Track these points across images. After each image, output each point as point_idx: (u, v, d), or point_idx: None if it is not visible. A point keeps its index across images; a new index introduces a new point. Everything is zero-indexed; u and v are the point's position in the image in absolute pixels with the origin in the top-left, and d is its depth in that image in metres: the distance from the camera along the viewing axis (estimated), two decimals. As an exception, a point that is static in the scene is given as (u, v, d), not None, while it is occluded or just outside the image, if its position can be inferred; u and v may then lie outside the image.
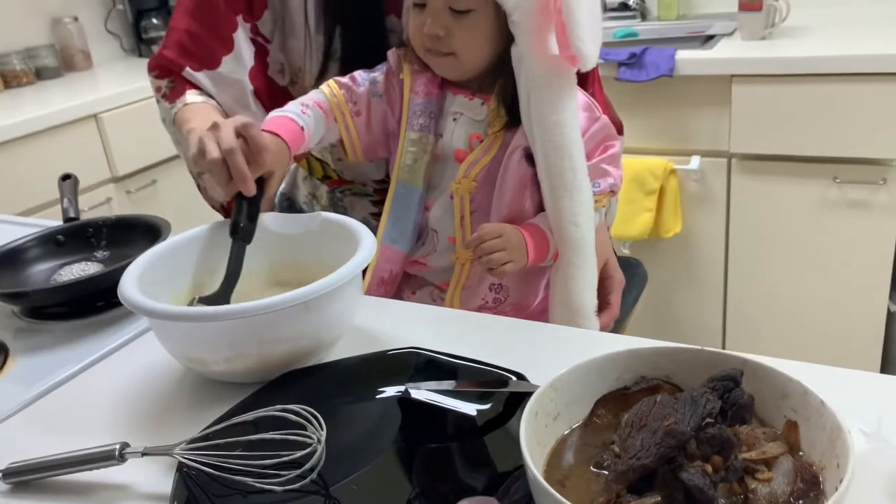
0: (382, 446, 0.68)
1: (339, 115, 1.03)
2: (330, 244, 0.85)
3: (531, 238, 0.99)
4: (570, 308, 1.00)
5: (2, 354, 0.88)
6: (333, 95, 1.02)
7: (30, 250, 1.07)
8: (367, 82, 1.04)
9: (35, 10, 2.59)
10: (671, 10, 2.37)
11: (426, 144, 1.01)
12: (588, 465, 0.57)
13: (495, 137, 0.99)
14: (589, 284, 1.00)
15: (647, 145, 1.99)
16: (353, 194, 1.25)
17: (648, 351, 0.62)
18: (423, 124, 1.01)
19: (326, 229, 0.88)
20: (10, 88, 2.45)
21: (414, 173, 1.01)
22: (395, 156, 1.03)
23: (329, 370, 0.77)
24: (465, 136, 1.00)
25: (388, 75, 1.04)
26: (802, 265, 1.93)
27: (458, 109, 1.01)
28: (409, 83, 1.02)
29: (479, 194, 1.01)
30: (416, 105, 1.01)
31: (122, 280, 0.78)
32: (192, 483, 0.62)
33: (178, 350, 0.77)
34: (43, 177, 2.03)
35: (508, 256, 0.97)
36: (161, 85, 1.13)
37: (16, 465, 0.67)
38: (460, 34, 0.95)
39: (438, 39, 0.95)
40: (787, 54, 1.80)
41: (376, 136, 1.06)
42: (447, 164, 1.02)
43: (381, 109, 1.04)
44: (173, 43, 1.12)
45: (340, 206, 1.26)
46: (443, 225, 1.04)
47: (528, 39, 0.92)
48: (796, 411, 0.56)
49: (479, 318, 0.90)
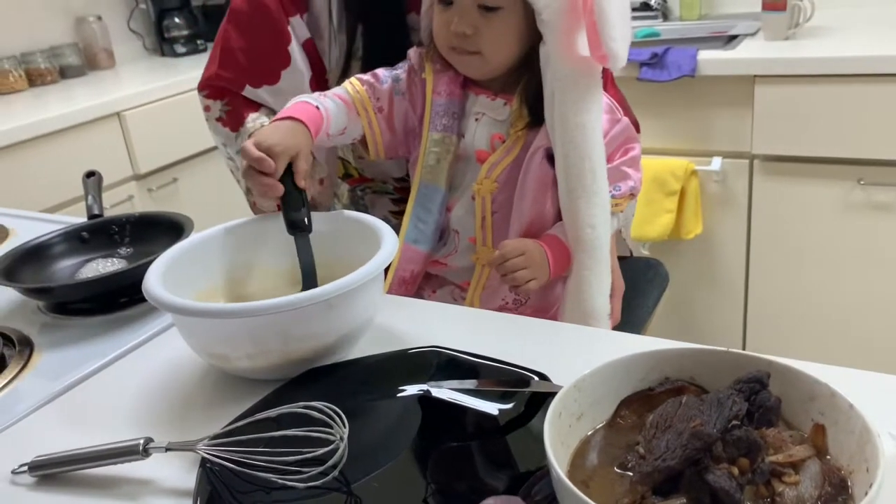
0: (404, 444, 0.68)
1: (362, 111, 1.02)
2: (352, 242, 0.85)
3: (552, 252, 0.99)
4: (582, 310, 0.99)
5: (27, 349, 0.89)
6: (356, 91, 1.02)
7: (54, 246, 1.08)
8: (389, 80, 1.03)
9: (59, 9, 2.62)
10: (693, 9, 2.35)
11: (449, 144, 1.01)
12: (612, 465, 0.56)
13: (517, 138, 0.99)
14: (602, 288, 1.00)
15: (668, 146, 1.98)
16: (374, 192, 1.25)
17: (674, 352, 0.62)
18: (445, 124, 1.00)
19: (348, 227, 0.88)
20: (34, 87, 2.48)
21: (437, 173, 1.01)
22: (418, 156, 1.03)
23: (351, 368, 0.77)
24: (487, 136, 1.00)
25: (410, 73, 1.04)
26: (825, 268, 1.90)
27: (480, 109, 1.01)
28: (431, 83, 1.01)
29: (500, 195, 1.01)
30: (439, 106, 1.01)
31: (146, 276, 0.78)
32: (215, 478, 0.63)
33: (201, 346, 0.78)
34: (67, 174, 2.05)
35: (531, 274, 0.97)
36: (211, 105, 1.13)
37: (41, 459, 0.67)
38: (488, 32, 0.94)
39: (465, 38, 0.95)
40: (811, 54, 1.78)
41: (398, 134, 1.05)
42: (469, 164, 1.02)
43: (403, 107, 1.04)
44: (229, 62, 1.11)
45: (361, 205, 1.27)
46: (464, 225, 1.03)
47: (557, 39, 0.92)
48: (824, 414, 0.55)
49: (500, 318, 0.90)
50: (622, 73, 1.91)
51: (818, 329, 1.96)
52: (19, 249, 1.04)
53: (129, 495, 0.65)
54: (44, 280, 1.03)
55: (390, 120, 1.04)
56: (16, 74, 2.42)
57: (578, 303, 0.99)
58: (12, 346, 0.90)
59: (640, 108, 1.19)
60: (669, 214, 1.96)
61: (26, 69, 2.47)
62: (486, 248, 1.03)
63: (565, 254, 1.00)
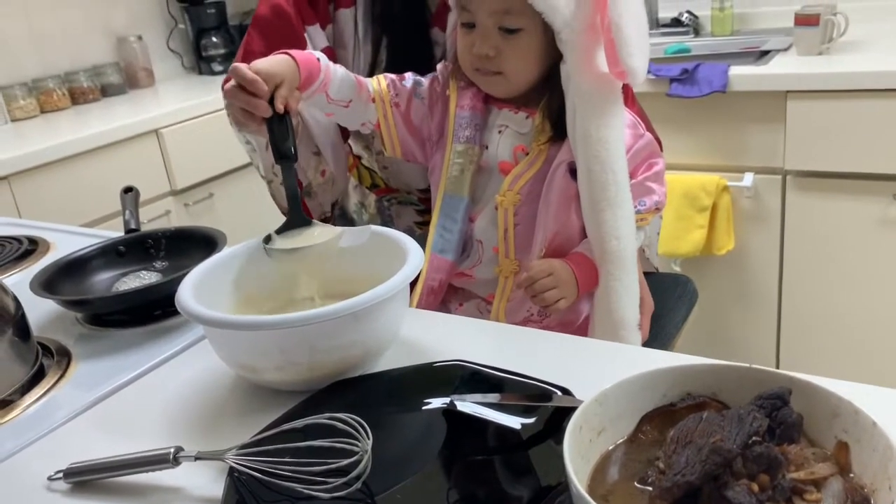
0: (427, 457, 0.68)
1: (378, 101, 1.05)
2: (378, 257, 0.86)
3: (579, 270, 1.00)
4: (612, 321, 1.00)
5: (65, 359, 0.92)
6: (378, 84, 1.05)
7: (93, 260, 1.11)
8: (412, 82, 1.07)
9: (102, 29, 2.69)
10: (725, 25, 2.34)
11: (472, 155, 1.02)
12: (632, 480, 0.56)
13: (539, 151, 1.00)
14: (631, 298, 1.00)
15: (700, 162, 1.97)
16: (399, 203, 1.28)
17: (696, 368, 0.62)
18: (468, 136, 1.02)
19: (375, 243, 0.89)
20: (77, 104, 2.55)
21: (460, 184, 1.03)
22: (440, 168, 1.05)
23: (376, 380, 0.78)
24: (510, 147, 1.02)
25: (434, 84, 1.06)
26: (860, 285, 1.87)
27: (503, 122, 1.02)
28: (455, 100, 1.03)
29: (523, 207, 1.02)
30: (462, 118, 1.03)
31: (179, 289, 0.81)
32: (243, 487, 0.64)
33: (231, 357, 0.80)
34: (107, 189, 2.11)
35: (560, 294, 0.98)
36: None
37: (76, 466, 0.69)
38: (509, 53, 0.96)
39: (488, 59, 0.97)
40: (844, 69, 1.76)
41: (414, 134, 1.08)
42: (492, 175, 1.03)
43: (421, 112, 1.07)
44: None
45: (387, 215, 1.30)
46: (488, 236, 1.05)
47: (577, 57, 0.93)
48: (847, 432, 0.55)
49: (524, 332, 0.90)
50: (652, 89, 1.91)
51: (852, 346, 1.93)
52: (59, 263, 1.07)
53: (160, 502, 0.67)
54: (83, 292, 1.06)
55: (407, 118, 1.06)
56: (59, 93, 2.50)
57: (608, 313, 1.00)
58: (51, 356, 0.93)
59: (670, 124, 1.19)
60: (701, 230, 1.95)
61: (69, 88, 2.54)
62: (509, 260, 1.04)
63: (592, 271, 1.00)
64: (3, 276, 1.18)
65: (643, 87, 1.92)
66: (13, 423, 0.81)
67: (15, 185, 1.93)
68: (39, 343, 0.94)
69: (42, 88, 2.46)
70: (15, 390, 0.84)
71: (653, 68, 1.90)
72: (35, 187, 1.97)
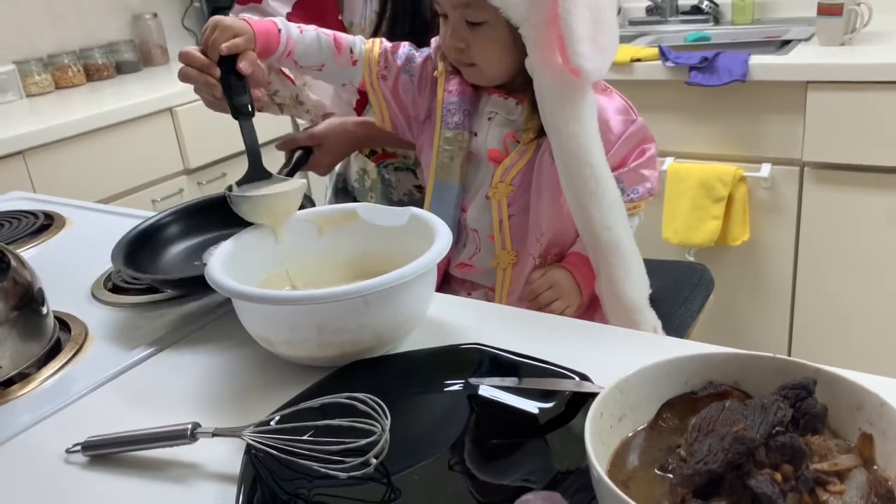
0: (445, 439, 0.68)
1: (365, 66, 1.05)
2: (413, 239, 0.85)
3: (579, 273, 1.00)
4: (623, 306, 1.00)
5: (82, 334, 0.92)
6: (370, 51, 1.05)
7: (167, 228, 1.07)
8: (404, 57, 1.06)
9: (117, 6, 2.69)
10: (746, 14, 2.31)
11: (462, 142, 1.02)
12: (652, 467, 0.56)
13: (531, 141, 1.00)
14: (635, 280, 1.00)
15: (716, 151, 1.96)
16: (396, 169, 1.30)
17: (719, 356, 0.61)
18: (457, 122, 1.02)
19: (413, 224, 0.88)
20: (92, 81, 2.55)
21: (450, 171, 1.03)
22: (431, 151, 1.05)
23: (395, 361, 0.78)
24: (499, 135, 1.01)
25: (426, 63, 1.06)
26: (875, 278, 1.86)
27: (493, 108, 1.02)
28: (442, 83, 1.04)
29: (516, 197, 1.02)
30: (451, 104, 1.02)
31: (210, 261, 0.81)
32: (260, 465, 0.64)
33: (249, 327, 0.80)
34: (120, 166, 2.11)
35: (564, 303, 1.00)
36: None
37: (94, 439, 0.70)
38: (477, 45, 0.97)
39: (460, 51, 0.98)
40: (866, 61, 1.74)
41: (401, 108, 1.08)
42: (481, 163, 1.03)
43: (410, 89, 1.07)
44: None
45: (388, 182, 1.31)
46: (481, 224, 1.05)
47: (538, 52, 0.92)
48: (871, 424, 0.55)
49: (542, 318, 0.90)
50: (671, 77, 1.90)
51: (865, 339, 1.92)
52: (131, 235, 1.02)
53: (177, 478, 0.67)
54: (163, 267, 1.01)
55: (395, 91, 1.07)
56: (74, 69, 2.50)
57: (617, 298, 1.00)
58: (67, 330, 0.93)
59: (688, 113, 1.18)
60: (716, 220, 1.94)
61: (84, 64, 2.54)
62: (507, 252, 1.04)
63: (592, 270, 1.00)
64: (20, 250, 1.18)
65: (662, 75, 1.90)
66: (30, 395, 0.81)
67: (30, 160, 1.94)
68: (56, 317, 0.94)
69: (57, 64, 2.46)
70: (31, 364, 0.85)
71: (672, 56, 1.88)
72: (49, 163, 1.98)
